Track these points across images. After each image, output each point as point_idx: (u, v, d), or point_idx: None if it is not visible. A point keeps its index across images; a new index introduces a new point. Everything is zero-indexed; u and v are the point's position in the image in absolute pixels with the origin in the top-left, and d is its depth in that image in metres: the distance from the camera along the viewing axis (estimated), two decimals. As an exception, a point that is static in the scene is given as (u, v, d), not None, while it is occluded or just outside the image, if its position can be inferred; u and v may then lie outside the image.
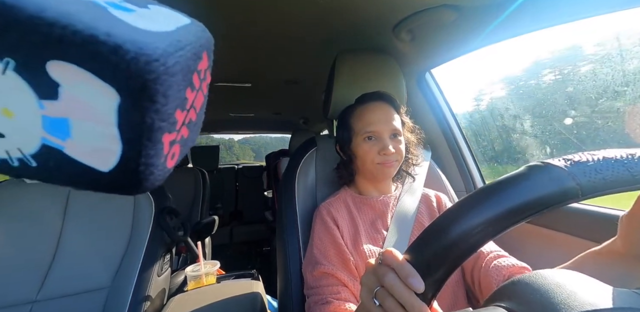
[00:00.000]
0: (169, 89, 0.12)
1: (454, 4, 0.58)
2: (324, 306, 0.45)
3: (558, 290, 0.21)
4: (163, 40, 0.12)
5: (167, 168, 0.15)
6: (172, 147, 0.14)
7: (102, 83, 0.11)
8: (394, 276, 0.23)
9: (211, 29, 0.17)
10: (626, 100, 0.65)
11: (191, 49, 0.14)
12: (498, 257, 0.46)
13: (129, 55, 0.11)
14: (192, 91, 0.15)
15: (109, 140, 0.12)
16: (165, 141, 0.13)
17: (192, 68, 0.14)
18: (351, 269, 0.50)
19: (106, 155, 0.12)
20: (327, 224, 0.54)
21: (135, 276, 0.67)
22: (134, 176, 0.13)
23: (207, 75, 0.17)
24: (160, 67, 0.12)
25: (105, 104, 0.12)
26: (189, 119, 0.15)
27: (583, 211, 0.59)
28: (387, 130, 0.54)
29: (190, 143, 0.17)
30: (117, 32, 0.11)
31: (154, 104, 0.12)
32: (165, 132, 0.13)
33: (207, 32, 0.16)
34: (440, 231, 0.21)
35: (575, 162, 0.21)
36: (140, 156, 0.13)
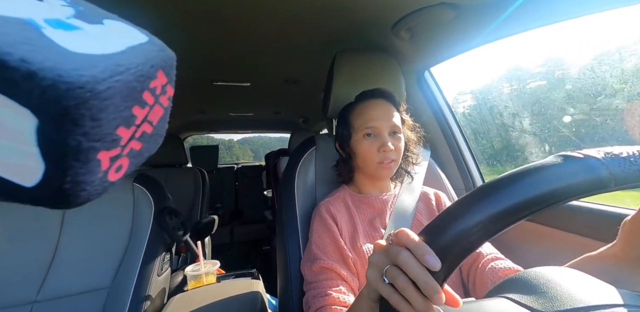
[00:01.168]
0: (100, 112, 0.12)
1: (453, 3, 0.57)
2: (322, 298, 0.45)
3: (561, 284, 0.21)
4: (96, 65, 0.12)
5: (107, 181, 0.14)
6: (115, 161, 0.14)
7: (17, 105, 0.11)
8: (409, 254, 0.23)
9: (210, 28, 0.16)
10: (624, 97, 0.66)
11: (136, 71, 0.13)
12: (495, 259, 0.47)
13: (45, 82, 0.11)
14: (142, 108, 0.14)
15: (29, 158, 0.12)
16: (103, 158, 0.13)
17: (139, 88, 0.14)
18: (350, 266, 0.50)
19: (27, 171, 0.12)
20: (326, 222, 0.54)
21: (135, 276, 0.67)
22: (60, 193, 0.13)
23: (168, 89, 0.16)
24: (86, 94, 0.11)
25: (21, 124, 0.11)
26: (141, 133, 0.15)
27: (582, 208, 0.59)
28: (387, 127, 0.54)
29: (146, 153, 0.17)
30: (37, 57, 0.11)
31: (80, 127, 0.12)
32: (101, 150, 0.13)
33: (166, 51, 0.16)
34: (464, 212, 0.21)
35: (612, 153, 0.21)
36: (66, 175, 0.12)
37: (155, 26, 0.14)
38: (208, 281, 0.74)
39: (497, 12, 0.58)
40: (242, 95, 1.47)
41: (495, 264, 0.45)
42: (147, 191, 0.76)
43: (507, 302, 0.22)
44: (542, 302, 0.21)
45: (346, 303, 0.44)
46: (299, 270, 0.56)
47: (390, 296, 0.23)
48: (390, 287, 0.23)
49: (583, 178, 0.20)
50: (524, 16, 0.57)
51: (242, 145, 5.70)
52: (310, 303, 0.47)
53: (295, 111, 2.00)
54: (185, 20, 0.66)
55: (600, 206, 0.57)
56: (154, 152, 0.18)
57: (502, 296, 0.23)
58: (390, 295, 0.23)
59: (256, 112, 1.98)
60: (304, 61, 0.98)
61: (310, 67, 1.04)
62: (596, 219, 0.56)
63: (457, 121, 0.92)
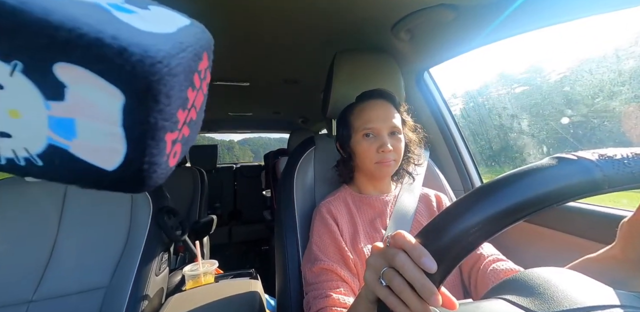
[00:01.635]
0: (171, 89, 0.13)
1: (452, 4, 0.58)
2: (323, 299, 0.45)
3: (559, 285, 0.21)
4: (166, 42, 0.13)
5: (169, 167, 0.15)
6: (174, 145, 0.15)
7: (107, 84, 0.11)
8: (405, 256, 0.23)
9: (210, 27, 0.17)
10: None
11: (192, 50, 0.14)
12: (497, 260, 0.47)
13: (134, 57, 0.11)
14: (193, 91, 0.15)
15: (114, 139, 0.12)
16: (168, 140, 0.14)
17: (193, 68, 0.14)
18: (350, 267, 0.50)
19: (111, 154, 0.13)
20: (326, 222, 0.54)
21: (132, 276, 0.66)
22: (137, 174, 0.13)
23: (207, 75, 0.17)
24: (164, 69, 0.12)
25: (110, 104, 0.12)
26: (190, 118, 0.16)
27: (580, 209, 0.59)
28: (386, 128, 0.54)
29: (190, 142, 0.17)
30: (122, 34, 0.11)
31: (158, 104, 0.12)
32: (167, 131, 0.13)
33: (207, 33, 0.16)
34: (460, 214, 0.21)
35: (605, 155, 0.21)
36: (144, 155, 0.13)
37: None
38: (206, 281, 0.74)
39: (497, 13, 0.59)
40: (242, 95, 1.46)
41: (497, 266, 0.45)
42: (146, 190, 0.76)
43: (504, 304, 0.22)
44: (539, 304, 0.21)
45: (346, 304, 0.44)
46: (298, 270, 0.56)
47: (387, 298, 0.23)
48: (387, 289, 0.23)
49: (577, 180, 0.20)
50: (523, 17, 0.57)
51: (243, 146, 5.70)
52: (311, 304, 0.47)
53: (295, 111, 1.99)
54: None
55: (598, 207, 0.58)
56: (194, 142, 0.18)
57: (499, 297, 0.23)
58: (387, 297, 0.23)
59: (255, 112, 1.98)
60: (304, 61, 0.98)
61: (310, 67, 1.04)
62: (594, 220, 0.57)
63: (455, 122, 0.92)
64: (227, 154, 4.92)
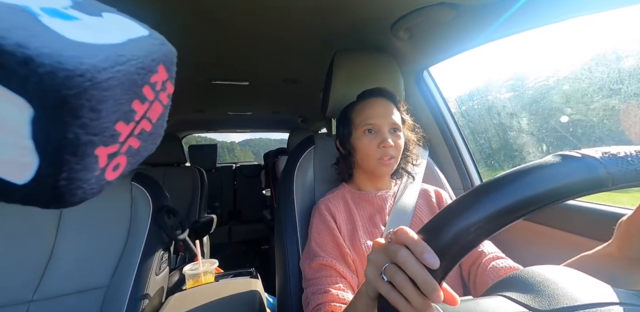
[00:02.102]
0: (100, 103, 0.12)
1: (452, 2, 0.57)
2: (322, 295, 0.45)
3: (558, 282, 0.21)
4: (96, 54, 0.12)
5: (104, 180, 0.14)
6: (113, 159, 0.14)
7: (11, 93, 0.10)
8: (408, 252, 0.23)
9: (209, 26, 0.16)
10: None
11: (137, 63, 0.13)
12: (497, 258, 0.47)
13: (43, 68, 0.10)
14: (142, 103, 0.14)
15: (22, 152, 0.11)
16: (101, 154, 0.13)
17: (140, 82, 0.13)
18: (349, 263, 0.50)
19: (19, 167, 0.12)
20: (325, 219, 0.55)
21: (133, 275, 0.66)
22: (54, 191, 0.12)
23: (168, 86, 0.16)
24: (86, 83, 0.11)
25: (16, 115, 0.11)
26: (139, 130, 0.15)
27: (580, 208, 0.60)
28: (387, 124, 0.55)
29: (145, 152, 0.16)
30: (34, 42, 0.10)
31: (78, 118, 0.11)
32: (99, 145, 0.12)
33: (166, 45, 0.15)
34: (463, 211, 0.21)
35: (609, 153, 0.21)
36: (61, 171, 0.12)
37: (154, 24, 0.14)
38: (206, 280, 0.74)
39: (497, 12, 0.58)
40: (241, 95, 1.46)
41: (497, 264, 0.45)
42: (145, 189, 0.76)
43: (505, 301, 0.23)
44: (539, 301, 0.21)
45: (345, 300, 0.44)
46: (298, 269, 0.56)
47: (388, 293, 0.23)
48: (388, 285, 0.23)
49: (581, 177, 0.20)
50: (524, 16, 0.57)
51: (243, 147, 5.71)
52: (310, 299, 0.47)
53: (294, 111, 1.99)
54: (185, 19, 0.66)
55: (597, 205, 0.58)
56: (152, 152, 0.17)
57: (499, 294, 0.24)
58: (389, 293, 0.23)
59: (255, 112, 1.97)
60: (303, 61, 0.98)
61: (309, 67, 1.04)
62: (593, 218, 0.57)
63: (455, 121, 0.92)
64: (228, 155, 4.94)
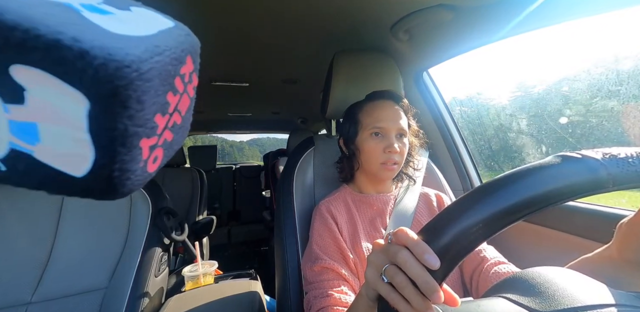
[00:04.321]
0: (144, 94, 0.12)
1: (451, 4, 0.58)
2: (324, 299, 0.45)
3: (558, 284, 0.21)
4: (138, 46, 0.12)
5: (147, 172, 0.14)
6: (153, 151, 0.14)
7: (69, 88, 0.11)
8: (408, 253, 0.23)
9: (209, 28, 0.17)
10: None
11: (170, 54, 0.14)
12: (499, 263, 0.47)
13: (97, 61, 0.11)
14: (174, 95, 0.15)
15: (81, 145, 0.12)
16: (144, 146, 0.13)
17: (172, 73, 0.14)
18: (351, 266, 0.50)
19: (78, 160, 0.12)
20: (326, 221, 0.54)
21: (132, 277, 0.66)
22: (108, 182, 0.13)
23: (194, 78, 0.16)
24: (133, 73, 0.11)
25: (74, 109, 0.11)
26: (172, 123, 0.15)
27: (580, 209, 0.60)
28: (395, 129, 0.55)
29: (176, 146, 0.17)
30: (86, 36, 0.11)
31: (127, 109, 0.12)
32: (142, 137, 0.13)
33: (192, 36, 0.16)
34: (463, 211, 0.21)
35: (610, 154, 0.21)
36: (115, 162, 0.12)
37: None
38: (206, 282, 0.74)
39: (496, 14, 0.59)
40: (241, 96, 1.46)
41: (499, 269, 0.45)
42: (145, 191, 0.76)
43: (505, 302, 0.23)
44: (539, 302, 0.21)
45: (347, 304, 0.44)
46: (297, 270, 0.56)
47: (388, 294, 0.23)
48: (389, 286, 0.23)
49: (582, 178, 0.20)
50: (524, 17, 0.58)
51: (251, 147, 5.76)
52: (312, 303, 0.46)
53: (294, 111, 2.00)
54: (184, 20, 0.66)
55: (598, 206, 0.58)
56: (181, 145, 0.18)
57: (500, 296, 0.24)
58: (389, 294, 0.23)
59: (255, 113, 1.98)
60: (303, 62, 0.98)
61: (308, 68, 1.04)
62: (594, 220, 0.57)
63: (455, 122, 0.92)
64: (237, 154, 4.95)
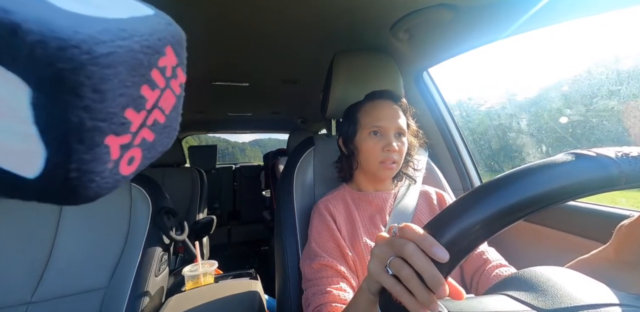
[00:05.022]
0: (102, 83, 0.10)
1: (451, 4, 0.58)
2: (322, 295, 0.45)
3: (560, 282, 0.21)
4: (93, 25, 0.10)
5: (119, 175, 0.13)
6: (126, 151, 0.13)
7: (3, 70, 0.09)
8: (415, 246, 0.23)
9: (209, 27, 0.16)
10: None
11: (141, 40, 0.12)
12: (500, 266, 0.47)
13: (32, 37, 0.09)
14: (152, 90, 0.13)
15: (28, 140, 0.10)
16: (113, 144, 0.12)
17: (147, 63, 0.12)
18: (349, 264, 0.50)
19: (28, 158, 0.11)
20: (325, 219, 0.55)
21: (132, 276, 0.66)
22: (66, 184, 0.11)
23: (179, 74, 0.15)
24: (83, 56, 0.10)
25: (13, 96, 0.10)
26: (152, 121, 0.14)
27: (580, 209, 0.60)
28: (393, 128, 0.55)
29: (161, 147, 0.15)
30: (23, 9, 0.09)
31: (80, 99, 0.10)
32: (108, 134, 0.11)
33: (174, 26, 0.14)
34: (471, 206, 0.21)
35: (623, 153, 0.22)
36: (71, 161, 0.11)
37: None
38: (206, 282, 0.74)
39: (496, 14, 0.59)
40: (241, 96, 1.46)
41: (500, 271, 0.46)
42: (145, 190, 0.76)
43: (507, 299, 0.23)
44: (541, 300, 0.21)
45: (346, 300, 0.44)
46: (297, 270, 0.56)
47: (393, 287, 0.23)
48: (393, 279, 0.23)
49: (595, 176, 0.20)
50: (523, 18, 0.58)
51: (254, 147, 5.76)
52: (310, 300, 0.46)
53: (294, 111, 2.00)
54: (184, 20, 0.66)
55: (598, 206, 0.58)
56: (168, 147, 0.16)
57: (502, 293, 0.24)
58: (394, 286, 0.23)
59: (255, 112, 1.98)
60: (303, 61, 0.98)
61: (309, 68, 1.04)
62: (593, 219, 0.57)
63: (455, 122, 0.92)
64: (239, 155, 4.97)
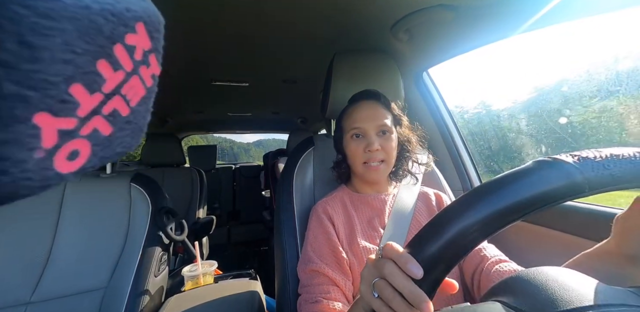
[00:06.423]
0: (36, 36, 0.08)
1: (451, 4, 0.58)
2: (313, 305, 0.45)
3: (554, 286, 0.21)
4: None
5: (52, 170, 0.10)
6: (67, 140, 0.10)
7: None
8: (393, 265, 0.23)
9: (208, 27, 0.16)
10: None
11: (105, 7, 0.10)
12: (500, 261, 0.46)
13: None
14: (113, 69, 0.11)
15: None
16: (45, 125, 0.09)
17: (107, 32, 0.10)
18: (345, 269, 0.50)
19: None
20: (322, 222, 0.54)
21: (131, 276, 0.66)
22: None
23: (151, 61, 0.13)
24: None
25: None
26: (110, 110, 0.11)
27: (578, 209, 0.60)
28: (373, 128, 0.54)
29: (119, 146, 0.12)
30: None
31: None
32: (39, 109, 0.09)
33: (148, 4, 0.12)
34: (444, 224, 0.22)
35: (584, 158, 0.21)
36: None
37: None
38: (205, 282, 0.74)
39: (496, 14, 0.59)
40: (241, 96, 1.46)
41: (500, 267, 0.45)
42: (144, 190, 0.76)
43: (501, 307, 0.22)
44: (536, 306, 0.21)
45: (335, 309, 0.44)
46: (297, 270, 0.56)
47: (380, 309, 0.23)
48: (379, 301, 0.24)
49: (558, 184, 0.20)
50: (523, 18, 0.58)
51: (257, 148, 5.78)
52: (302, 307, 0.47)
53: (294, 111, 1.99)
54: (184, 20, 0.66)
55: (596, 206, 0.58)
56: (131, 149, 0.13)
57: (496, 300, 0.23)
58: (380, 308, 0.23)
59: (255, 113, 1.98)
60: (303, 62, 0.98)
61: (309, 68, 1.04)
62: (593, 219, 0.57)
63: (454, 122, 0.92)
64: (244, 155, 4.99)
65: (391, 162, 0.56)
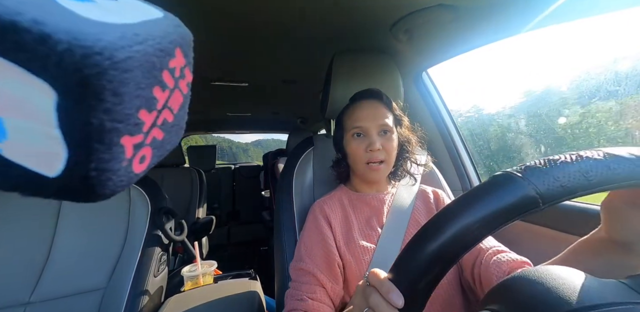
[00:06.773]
0: (121, 86, 0.11)
1: (451, 4, 0.58)
2: (298, 302, 0.47)
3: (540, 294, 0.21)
4: (112, 32, 0.11)
5: (132, 173, 0.13)
6: (138, 150, 0.13)
7: (33, 78, 0.10)
8: (378, 295, 0.24)
9: (208, 28, 0.16)
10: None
11: (155, 44, 0.12)
12: (498, 252, 0.45)
13: (61, 46, 0.10)
14: (163, 90, 0.14)
15: (51, 142, 0.11)
16: (127, 144, 0.12)
17: (159, 65, 0.13)
18: (335, 272, 0.50)
19: (50, 158, 0.11)
20: (318, 223, 0.54)
21: (131, 277, 0.66)
22: (85, 182, 0.12)
23: (186, 73, 0.15)
24: (105, 62, 0.10)
25: (40, 101, 0.10)
26: (162, 120, 0.14)
27: (577, 208, 0.60)
28: (375, 127, 0.54)
29: (169, 145, 0.16)
30: (50, 19, 0.10)
31: (102, 102, 0.11)
32: (124, 134, 0.12)
33: (182, 28, 0.15)
34: (416, 249, 0.22)
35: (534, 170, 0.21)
36: (91, 161, 0.11)
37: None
38: (205, 282, 0.74)
39: (496, 14, 0.59)
40: (241, 96, 1.46)
41: (498, 258, 0.44)
42: (144, 191, 0.76)
43: None
44: None
45: (318, 310, 0.46)
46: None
47: None
48: None
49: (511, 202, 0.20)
50: (523, 18, 0.58)
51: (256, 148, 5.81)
52: (287, 301, 0.48)
53: (293, 112, 1.99)
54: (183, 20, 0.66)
55: (597, 206, 0.58)
56: (175, 145, 0.17)
57: (487, 309, 0.23)
58: None
59: (254, 113, 1.98)
60: (303, 62, 0.98)
61: (308, 68, 1.04)
62: (593, 219, 0.57)
63: (454, 122, 0.92)
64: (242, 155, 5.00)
65: (391, 163, 0.56)
